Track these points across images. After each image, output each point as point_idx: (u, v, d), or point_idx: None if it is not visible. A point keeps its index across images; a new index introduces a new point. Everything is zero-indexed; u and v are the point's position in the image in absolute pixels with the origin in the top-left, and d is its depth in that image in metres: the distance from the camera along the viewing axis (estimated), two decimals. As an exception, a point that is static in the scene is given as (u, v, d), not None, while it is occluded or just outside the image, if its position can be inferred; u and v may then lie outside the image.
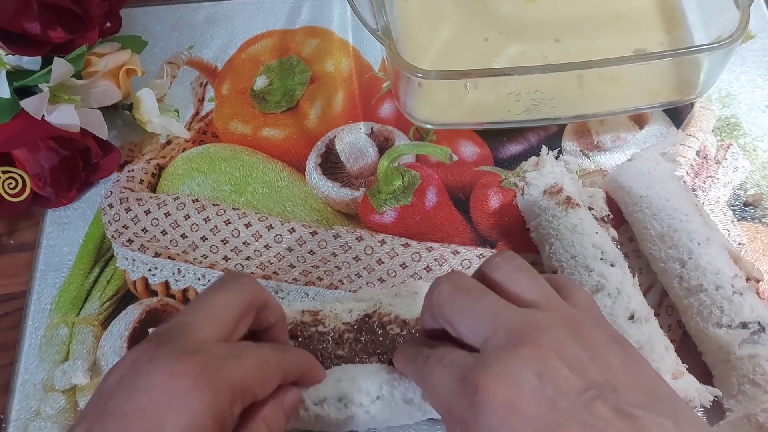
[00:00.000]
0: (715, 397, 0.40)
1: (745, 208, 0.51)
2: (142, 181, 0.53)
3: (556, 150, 0.48)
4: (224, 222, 0.51)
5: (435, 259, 0.49)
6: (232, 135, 0.55)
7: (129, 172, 0.53)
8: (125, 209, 0.52)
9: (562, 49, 0.55)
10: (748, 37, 0.58)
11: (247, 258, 0.50)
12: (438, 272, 0.49)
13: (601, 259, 0.43)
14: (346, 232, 0.50)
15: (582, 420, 0.27)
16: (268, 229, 0.51)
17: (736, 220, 0.50)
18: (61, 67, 0.46)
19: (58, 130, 0.48)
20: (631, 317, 0.41)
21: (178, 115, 0.55)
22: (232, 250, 0.50)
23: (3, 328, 0.48)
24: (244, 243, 0.50)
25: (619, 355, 0.30)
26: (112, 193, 0.52)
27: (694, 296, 0.42)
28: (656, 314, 0.42)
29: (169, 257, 0.50)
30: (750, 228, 0.50)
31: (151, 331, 0.35)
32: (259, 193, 0.52)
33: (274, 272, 0.49)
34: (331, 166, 0.53)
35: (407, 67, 0.47)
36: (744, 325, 0.41)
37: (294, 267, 0.49)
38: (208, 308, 0.34)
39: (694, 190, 0.51)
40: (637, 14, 0.56)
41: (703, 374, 0.42)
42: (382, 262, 0.49)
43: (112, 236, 0.51)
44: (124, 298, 0.49)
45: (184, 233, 0.51)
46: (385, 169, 0.53)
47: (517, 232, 0.49)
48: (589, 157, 0.53)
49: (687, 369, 0.40)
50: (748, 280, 0.43)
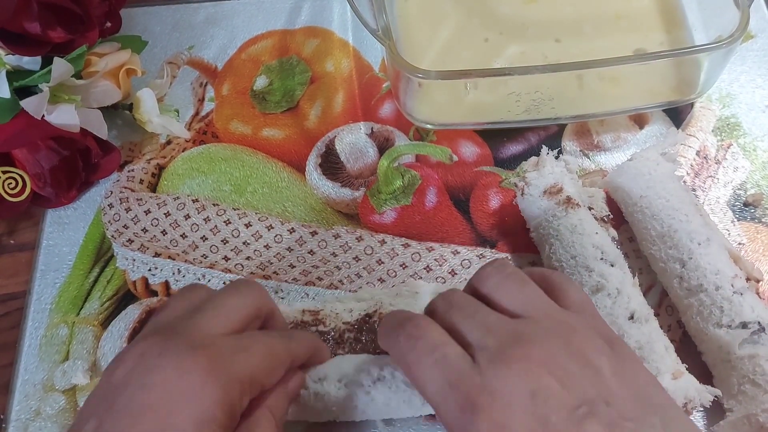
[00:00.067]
0: (715, 397, 0.40)
1: (745, 208, 0.51)
2: (142, 181, 0.53)
3: (556, 150, 0.48)
4: (224, 222, 0.51)
5: (435, 259, 0.49)
6: (232, 135, 0.55)
7: (129, 172, 0.53)
8: (125, 209, 0.52)
9: (562, 49, 0.55)
10: (748, 37, 0.58)
11: (247, 258, 0.50)
12: (438, 272, 0.49)
13: (601, 259, 0.43)
14: (346, 232, 0.50)
15: None
16: (268, 229, 0.51)
17: (736, 220, 0.50)
18: (61, 67, 0.46)
19: (58, 130, 0.48)
20: (631, 317, 0.41)
21: (178, 115, 0.55)
22: (232, 250, 0.50)
23: (3, 328, 0.48)
24: (244, 243, 0.50)
25: (612, 360, 0.30)
26: (112, 193, 0.52)
27: (694, 296, 0.42)
28: (656, 314, 0.42)
29: (169, 257, 0.50)
30: (750, 228, 0.50)
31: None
32: (259, 193, 0.52)
33: (274, 272, 0.49)
34: (331, 166, 0.53)
35: (407, 67, 0.47)
36: (744, 325, 0.41)
37: (294, 267, 0.49)
38: (218, 308, 0.34)
39: (694, 190, 0.51)
40: (637, 14, 0.56)
41: (703, 374, 0.42)
42: (382, 262, 0.49)
43: (112, 236, 0.51)
44: (124, 298, 0.49)
45: (184, 233, 0.51)
46: (385, 169, 0.53)
47: (517, 232, 0.49)
48: (589, 157, 0.53)
49: (687, 369, 0.40)
50: (748, 280, 0.43)
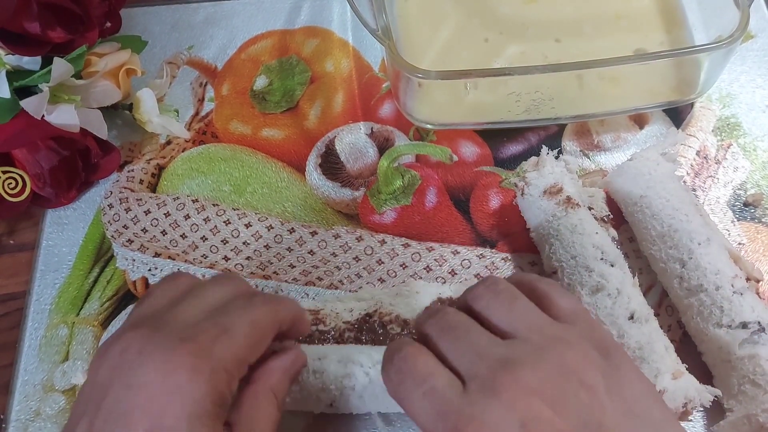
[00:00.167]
0: (715, 397, 0.40)
1: (745, 208, 0.51)
2: (142, 182, 0.53)
3: (556, 150, 0.48)
4: (224, 222, 0.51)
5: (435, 259, 0.49)
6: (231, 135, 0.55)
7: (129, 172, 0.53)
8: (125, 209, 0.52)
9: (562, 49, 0.55)
10: (748, 37, 0.58)
11: (247, 258, 0.50)
12: (438, 272, 0.49)
13: (601, 259, 0.43)
14: (346, 232, 0.50)
15: None
16: (268, 230, 0.51)
17: (736, 220, 0.50)
18: (61, 67, 0.46)
19: (58, 130, 0.48)
20: (631, 317, 0.41)
21: (178, 115, 0.55)
22: (232, 251, 0.50)
23: (3, 329, 0.48)
24: (244, 243, 0.50)
25: (607, 375, 0.30)
26: (111, 193, 0.52)
27: (695, 296, 0.42)
28: (656, 314, 0.42)
29: (169, 257, 0.50)
30: (750, 228, 0.50)
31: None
32: (259, 194, 0.52)
33: (274, 272, 0.49)
34: (331, 166, 0.53)
35: (407, 67, 0.47)
36: (744, 325, 0.41)
37: (294, 267, 0.49)
38: (199, 297, 0.33)
39: (694, 190, 0.51)
40: (637, 14, 0.56)
41: (703, 374, 0.42)
42: (382, 263, 0.49)
43: (112, 236, 0.51)
44: (124, 298, 0.49)
45: (184, 233, 0.51)
46: (385, 169, 0.53)
47: (517, 232, 0.49)
48: (589, 157, 0.53)
49: (687, 369, 0.40)
50: (748, 280, 0.43)
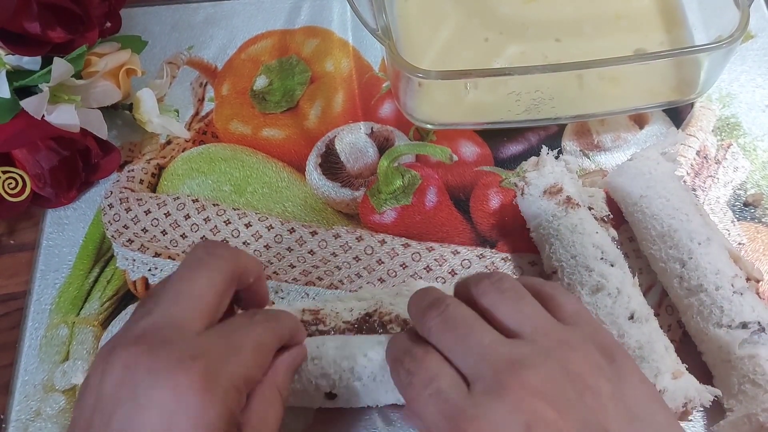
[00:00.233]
0: (715, 396, 0.40)
1: (745, 208, 0.51)
2: (142, 181, 0.53)
3: (556, 150, 0.48)
4: (224, 222, 0.51)
5: (435, 259, 0.49)
6: (232, 135, 0.55)
7: (129, 172, 0.53)
8: (125, 209, 0.52)
9: (562, 49, 0.55)
10: (748, 37, 0.58)
11: (247, 258, 0.50)
12: (438, 272, 0.49)
13: (601, 259, 0.43)
14: (346, 232, 0.50)
15: None
16: (268, 229, 0.51)
17: (736, 220, 0.50)
18: (61, 67, 0.46)
19: (58, 130, 0.48)
20: (631, 317, 0.41)
21: (178, 115, 0.55)
22: (232, 250, 0.50)
23: (3, 329, 0.48)
24: (244, 243, 0.50)
25: (611, 379, 0.30)
26: (112, 193, 0.52)
27: (694, 296, 0.42)
28: (656, 314, 0.42)
29: (169, 257, 0.50)
30: (750, 228, 0.50)
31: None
32: (259, 194, 0.52)
33: (274, 272, 0.49)
34: (331, 166, 0.53)
35: (407, 67, 0.47)
36: (744, 325, 0.41)
37: (294, 267, 0.49)
38: (191, 294, 0.32)
39: (694, 190, 0.51)
40: (637, 14, 0.56)
41: (703, 374, 0.42)
42: (383, 262, 0.49)
43: (112, 236, 0.51)
44: (124, 298, 0.49)
45: (184, 233, 0.51)
46: (385, 169, 0.53)
47: (517, 232, 0.49)
48: (589, 157, 0.53)
49: (687, 369, 0.40)
50: (748, 280, 0.43)
